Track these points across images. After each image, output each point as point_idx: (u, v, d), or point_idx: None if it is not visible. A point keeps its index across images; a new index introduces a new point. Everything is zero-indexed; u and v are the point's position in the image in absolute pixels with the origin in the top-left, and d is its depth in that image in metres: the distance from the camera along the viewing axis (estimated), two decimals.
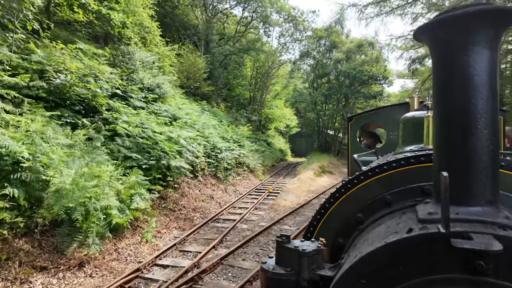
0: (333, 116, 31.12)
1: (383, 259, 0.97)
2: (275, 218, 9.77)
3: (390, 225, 1.26)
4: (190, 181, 11.95)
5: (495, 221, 1.00)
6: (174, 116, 13.66)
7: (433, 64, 1.18)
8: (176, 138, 10.56)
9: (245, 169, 18.61)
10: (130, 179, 7.84)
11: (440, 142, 1.17)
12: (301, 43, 33.36)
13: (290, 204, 12.04)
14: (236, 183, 16.10)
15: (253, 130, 31.45)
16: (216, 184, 13.82)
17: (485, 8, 0.98)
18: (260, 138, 31.17)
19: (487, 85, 1.06)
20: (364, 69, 26.70)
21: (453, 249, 0.87)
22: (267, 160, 25.55)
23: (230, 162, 16.38)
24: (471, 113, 1.07)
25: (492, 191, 1.08)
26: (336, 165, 28.93)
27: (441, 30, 1.09)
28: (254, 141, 28.39)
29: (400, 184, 1.53)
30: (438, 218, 1.02)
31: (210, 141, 14.91)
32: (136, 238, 7.27)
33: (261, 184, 17.67)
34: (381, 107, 6.85)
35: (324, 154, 32.71)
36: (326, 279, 1.27)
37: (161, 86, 14.06)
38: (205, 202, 11.31)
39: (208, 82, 24.70)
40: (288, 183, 18.52)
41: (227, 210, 10.98)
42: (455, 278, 0.89)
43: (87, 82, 9.51)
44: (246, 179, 17.89)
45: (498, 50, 1.10)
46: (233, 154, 17.15)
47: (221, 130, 19.31)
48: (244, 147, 19.42)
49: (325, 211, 1.72)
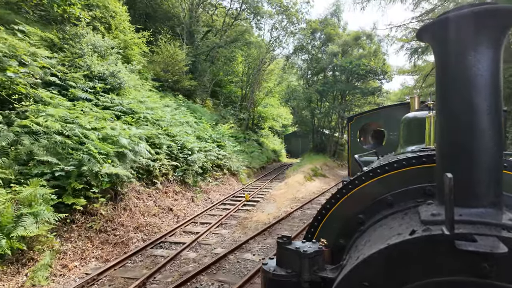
0: (328, 114, 28.76)
1: (386, 261, 0.96)
2: (239, 241, 7.45)
3: (392, 227, 1.27)
4: (142, 189, 9.65)
5: (499, 222, 0.99)
6: (131, 110, 11.36)
7: (437, 64, 1.18)
8: (115, 136, 8.24)
9: (225, 172, 16.30)
10: (24, 193, 5.54)
11: (443, 143, 1.17)
12: (295, 36, 31.02)
13: (265, 218, 9.73)
14: (211, 189, 13.78)
15: (242, 129, 29.16)
16: (182, 191, 11.51)
17: (489, 8, 0.98)
18: (250, 137, 28.85)
19: (490, 85, 1.05)
20: (362, 63, 24.36)
21: (457, 251, 0.86)
22: (256, 161, 23.25)
23: (205, 165, 14.07)
24: (475, 113, 1.06)
25: (495, 192, 1.08)
26: (331, 167, 26.57)
27: (445, 30, 1.08)
28: (243, 141, 26.10)
29: (402, 185, 1.51)
30: (442, 219, 1.01)
31: (177, 140, 12.59)
32: (18, 280, 4.95)
33: (242, 189, 15.36)
34: (382, 107, 6.75)
35: (319, 155, 30.38)
36: (327, 281, 1.26)
37: (117, 76, 11.76)
38: (158, 217, 9.00)
39: (190, 75, 22.37)
40: (273, 188, 16.21)
41: (183, 227, 8.66)
42: (459, 281, 0.88)
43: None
44: (226, 184, 15.58)
45: (502, 50, 1.08)
46: (210, 156, 14.84)
47: (199, 129, 17.01)
48: (225, 147, 17.10)
49: (326, 212, 1.70)
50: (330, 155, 30.82)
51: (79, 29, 11.52)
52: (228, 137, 18.25)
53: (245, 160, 20.10)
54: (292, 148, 41.95)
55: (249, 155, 23.18)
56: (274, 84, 33.55)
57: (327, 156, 30.50)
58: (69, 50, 10.80)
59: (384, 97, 28.74)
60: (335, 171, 25.63)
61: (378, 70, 24.85)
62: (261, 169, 24.05)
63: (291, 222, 9.41)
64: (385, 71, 25.26)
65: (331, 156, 30.75)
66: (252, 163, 21.90)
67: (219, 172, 15.81)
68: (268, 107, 39.47)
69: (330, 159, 29.59)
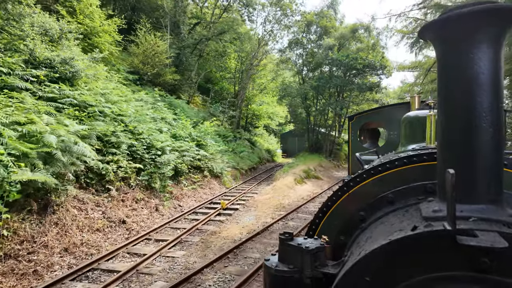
0: (324, 111, 27.01)
1: (387, 256, 0.96)
2: (191, 268, 5.72)
3: (393, 223, 1.28)
4: (89, 198, 7.93)
5: (500, 219, 1.01)
6: (85, 103, 9.63)
7: (438, 63, 1.18)
8: (39, 133, 6.51)
9: (205, 175, 14.58)
10: None
11: (444, 140, 1.17)
12: (290, 30, 29.28)
13: (237, 232, 8.01)
14: (186, 194, 12.06)
15: (233, 127, 27.41)
16: (146, 198, 9.79)
17: (491, 7, 0.99)
18: (241, 136, 27.12)
19: (491, 83, 1.06)
20: (359, 57, 22.62)
21: (459, 246, 0.87)
22: (245, 162, 21.51)
23: (180, 167, 12.35)
24: (476, 111, 1.07)
25: (496, 189, 1.09)
26: (327, 167, 24.83)
27: (447, 29, 1.09)
28: (232, 140, 24.37)
29: (403, 183, 1.51)
30: (443, 215, 1.03)
31: (143, 138, 10.87)
32: None
33: (223, 194, 13.65)
34: (382, 106, 6.83)
35: (314, 155, 28.65)
36: (329, 277, 1.27)
37: (70, 64, 10.03)
38: (103, 233, 7.28)
39: (173, 69, 20.62)
40: (259, 192, 14.50)
41: (130, 246, 6.94)
42: (460, 276, 0.89)
43: None
44: (205, 188, 13.86)
45: (503, 49, 1.09)
46: (186, 157, 13.12)
47: (177, 126, 15.29)
48: (206, 147, 15.38)
49: (327, 209, 1.72)
50: (326, 155, 29.10)
51: (24, 8, 9.77)
52: (211, 136, 16.48)
53: (231, 161, 18.37)
54: (289, 147, 40.38)
55: (238, 155, 21.46)
56: (268, 81, 31.80)
57: (323, 156, 28.78)
58: (8, 32, 9.08)
59: (383, 93, 26.99)
60: (330, 172, 23.89)
61: (377, 64, 23.10)
62: (251, 170, 22.32)
63: (267, 238, 7.68)
64: (384, 65, 23.52)
65: (327, 156, 29.03)
66: (240, 164, 20.17)
67: (198, 175, 14.09)
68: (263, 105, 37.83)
69: (326, 160, 27.86)
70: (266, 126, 44.68)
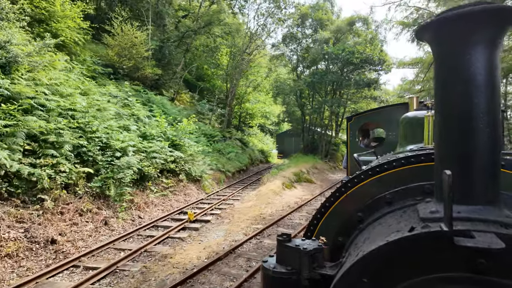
0: (319, 110, 25.32)
1: (385, 257, 0.96)
2: None
3: (391, 224, 1.27)
4: (10, 211, 6.26)
5: (497, 219, 1.01)
6: (20, 95, 7.95)
7: (435, 63, 1.17)
8: None
9: (181, 179, 12.90)
10: None
11: (441, 141, 1.17)
12: (284, 24, 27.61)
13: (195, 256, 6.32)
14: (152, 203, 10.38)
15: (222, 126, 25.71)
16: (95, 210, 8.10)
17: (487, 8, 0.98)
18: (232, 136, 25.44)
19: (489, 84, 1.05)
20: (356, 50, 20.93)
21: (456, 247, 0.86)
22: (233, 164, 19.81)
23: (147, 170, 10.68)
24: (473, 112, 1.06)
25: (493, 190, 1.09)
26: (321, 169, 23.13)
27: (443, 29, 1.08)
28: (220, 140, 22.69)
29: (401, 183, 1.51)
30: (440, 216, 1.02)
31: (97, 137, 9.20)
32: None
33: (200, 201, 11.99)
34: (381, 107, 7.04)
35: (309, 156, 26.97)
36: (327, 278, 1.26)
37: (6, 48, 8.36)
38: (13, 259, 5.60)
39: (152, 62, 18.93)
40: (242, 199, 12.83)
41: (44, 278, 5.25)
42: (458, 277, 0.89)
43: None
44: (179, 194, 12.18)
45: (500, 49, 1.08)
46: (157, 159, 11.45)
47: (150, 124, 13.62)
48: (183, 147, 13.69)
49: (326, 210, 1.70)
50: (322, 155, 27.42)
51: None
52: (196, 135, 14.79)
53: (214, 163, 16.69)
54: (285, 148, 38.73)
55: (225, 157, 19.77)
56: (262, 78, 30.09)
57: (318, 157, 27.11)
58: None
59: (382, 90, 25.30)
60: (325, 175, 22.20)
61: (375, 58, 21.41)
62: (239, 172, 20.63)
63: (230, 265, 5.98)
64: (383, 60, 21.83)
65: (322, 157, 27.35)
66: (226, 166, 18.47)
67: (172, 179, 12.42)
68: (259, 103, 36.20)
69: (321, 161, 26.18)
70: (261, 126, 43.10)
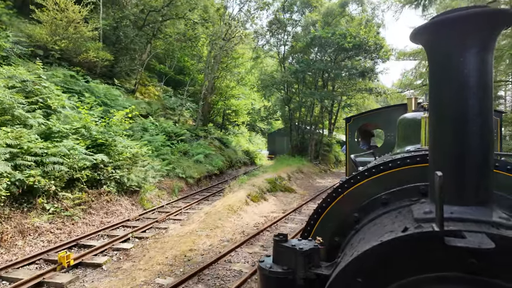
0: (307, 104, 21.84)
1: (379, 257, 0.97)
2: None
3: (386, 224, 1.27)
4: None
5: (489, 220, 1.01)
6: None
7: (430, 66, 1.18)
8: None
9: (106, 191, 9.48)
10: None
11: (435, 142, 1.18)
12: (270, 9, 24.18)
13: None
14: (36, 230, 6.99)
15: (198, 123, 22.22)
16: None
17: (480, 11, 0.98)
18: (207, 135, 21.99)
19: (481, 86, 1.06)
20: (348, 33, 17.47)
21: (447, 247, 0.87)
22: (199, 168, 16.35)
23: (32, 182, 7.26)
24: (466, 114, 1.07)
25: (486, 191, 1.09)
26: (308, 174, 19.66)
27: (437, 33, 1.09)
28: (191, 140, 19.26)
29: (397, 184, 1.51)
30: (433, 217, 1.02)
31: None
32: None
33: (124, 223, 8.59)
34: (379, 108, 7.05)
35: (296, 158, 23.52)
36: (322, 278, 1.26)
37: None
38: None
39: (98, 44, 15.48)
40: (187, 219, 9.44)
41: None
42: (449, 276, 0.89)
43: None
44: (97, 213, 8.79)
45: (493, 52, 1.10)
46: (58, 164, 8.03)
47: (71, 118, 10.21)
48: (113, 148, 10.26)
49: (322, 211, 1.70)
50: (310, 157, 23.98)
51: None
52: (122, 133, 11.33)
53: (169, 168, 13.26)
54: (277, 148, 35.26)
55: (190, 159, 16.32)
56: (247, 69, 26.56)
57: (307, 159, 23.68)
58: None
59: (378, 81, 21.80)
60: (312, 180, 18.73)
61: (370, 43, 17.95)
62: (209, 178, 17.17)
63: None
64: (380, 45, 18.37)
65: (312, 159, 23.91)
66: (189, 171, 15.03)
67: (90, 192, 9.00)
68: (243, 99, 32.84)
69: (310, 163, 22.72)
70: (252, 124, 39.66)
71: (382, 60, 19.82)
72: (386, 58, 19.72)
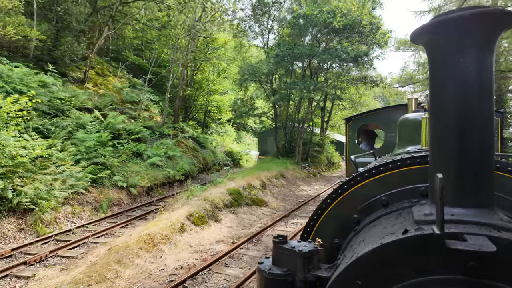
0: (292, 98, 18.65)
1: (378, 259, 0.95)
2: None
3: (386, 226, 1.25)
4: None
5: (490, 222, 0.99)
6: None
7: (430, 66, 1.17)
8: None
9: None
10: None
11: (435, 143, 1.16)
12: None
13: None
14: None
15: (162, 120, 19.08)
16: None
17: (480, 12, 0.97)
18: (178, 133, 18.83)
19: (482, 87, 1.04)
20: (337, 10, 14.27)
21: (448, 250, 0.85)
22: (151, 174, 13.15)
23: None
24: (466, 115, 1.05)
25: (487, 192, 1.07)
26: (292, 180, 16.48)
27: (438, 33, 1.07)
28: (153, 140, 16.12)
29: (397, 185, 1.50)
30: (434, 219, 1.01)
31: None
32: None
33: None
34: (379, 108, 6.79)
35: (280, 160, 20.41)
36: (322, 280, 1.25)
37: None
38: None
39: (22, 19, 12.32)
40: (80, 255, 6.31)
41: None
42: (450, 279, 0.87)
43: None
44: None
45: (494, 53, 1.07)
46: None
47: None
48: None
49: (322, 212, 1.67)
50: (297, 159, 20.82)
51: None
52: (16, 128, 8.20)
53: (90, 177, 10.07)
54: (268, 148, 32.31)
55: (140, 164, 13.15)
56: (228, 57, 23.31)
57: (294, 161, 20.52)
58: None
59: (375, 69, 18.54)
60: (296, 187, 15.52)
61: (365, 22, 14.74)
62: (168, 185, 14.06)
63: None
64: (376, 26, 15.15)
65: (299, 161, 20.74)
66: (134, 178, 11.85)
67: None
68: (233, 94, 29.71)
69: (297, 166, 19.55)
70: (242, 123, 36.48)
71: (379, 45, 16.61)
72: (384, 42, 16.51)
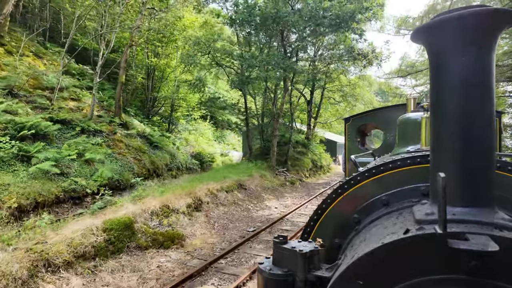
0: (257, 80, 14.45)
1: (380, 259, 0.95)
2: None
3: (387, 226, 1.25)
4: None
5: (491, 221, 0.99)
6: None
7: (430, 66, 1.16)
8: None
9: None
10: None
11: (436, 143, 1.15)
12: None
13: None
14: None
15: (91, 112, 14.85)
16: None
17: (481, 11, 0.97)
18: (116, 130, 14.57)
19: (483, 86, 1.04)
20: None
21: (450, 250, 0.85)
22: (33, 186, 8.91)
23: None
24: (467, 114, 1.05)
25: (488, 191, 1.07)
26: (255, 192, 12.23)
27: (438, 32, 1.07)
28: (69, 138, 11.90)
29: (397, 185, 1.50)
30: (435, 219, 1.00)
31: None
32: None
33: None
34: (379, 108, 6.77)
35: (250, 164, 16.28)
36: (323, 280, 1.24)
37: None
38: None
39: None
40: None
41: None
42: (452, 279, 0.87)
43: None
44: None
45: (495, 52, 1.07)
46: None
47: None
48: None
49: (322, 212, 1.67)
50: (272, 162, 16.69)
51: None
52: None
53: None
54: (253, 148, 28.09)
55: (20, 172, 8.92)
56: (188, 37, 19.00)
57: (268, 165, 16.38)
58: None
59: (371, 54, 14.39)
60: (258, 203, 11.27)
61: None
62: (71, 201, 9.78)
63: None
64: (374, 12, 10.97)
65: (274, 166, 16.60)
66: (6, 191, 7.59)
67: None
68: None
69: (269, 172, 15.37)
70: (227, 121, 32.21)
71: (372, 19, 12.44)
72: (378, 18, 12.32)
